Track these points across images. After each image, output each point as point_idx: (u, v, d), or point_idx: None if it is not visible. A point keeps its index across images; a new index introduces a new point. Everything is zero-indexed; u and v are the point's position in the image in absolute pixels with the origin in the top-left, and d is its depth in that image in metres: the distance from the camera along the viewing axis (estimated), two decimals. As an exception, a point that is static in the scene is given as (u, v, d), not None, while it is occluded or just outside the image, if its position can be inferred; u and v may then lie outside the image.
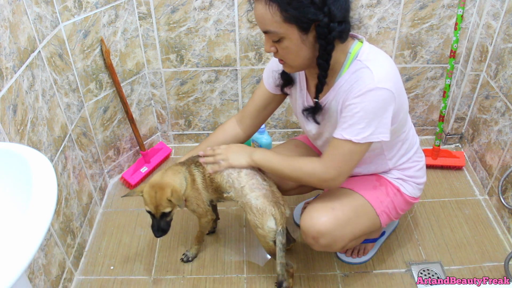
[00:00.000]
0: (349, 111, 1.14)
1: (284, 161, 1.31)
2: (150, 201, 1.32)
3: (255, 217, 1.34)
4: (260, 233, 1.35)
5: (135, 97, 1.96)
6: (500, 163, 1.74)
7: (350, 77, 1.15)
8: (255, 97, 1.45)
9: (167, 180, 1.35)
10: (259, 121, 1.48)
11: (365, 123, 1.13)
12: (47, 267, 1.36)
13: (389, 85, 1.12)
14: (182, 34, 1.86)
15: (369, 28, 1.85)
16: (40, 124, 1.35)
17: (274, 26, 1.08)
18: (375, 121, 1.13)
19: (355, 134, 1.14)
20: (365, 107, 1.11)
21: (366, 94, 1.11)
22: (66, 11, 1.50)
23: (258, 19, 1.11)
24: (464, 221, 1.75)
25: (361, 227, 1.36)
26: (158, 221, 1.35)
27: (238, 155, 1.36)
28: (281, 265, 1.36)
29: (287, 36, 1.09)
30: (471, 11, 1.79)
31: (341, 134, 1.16)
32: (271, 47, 1.15)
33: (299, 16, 1.05)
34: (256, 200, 1.33)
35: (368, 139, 1.14)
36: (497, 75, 1.75)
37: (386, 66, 1.15)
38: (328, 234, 1.29)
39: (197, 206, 1.45)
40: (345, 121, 1.15)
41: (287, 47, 1.12)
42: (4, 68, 1.15)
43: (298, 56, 1.14)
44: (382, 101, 1.12)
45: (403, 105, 1.22)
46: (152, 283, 1.56)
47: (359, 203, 1.35)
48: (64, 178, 1.51)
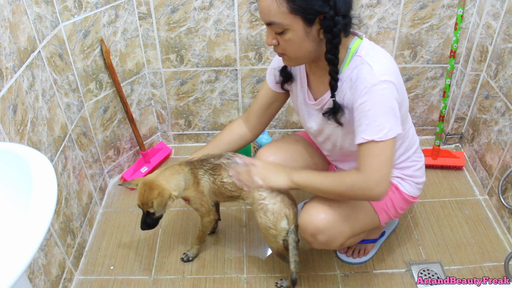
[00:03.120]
0: (361, 111, 1.13)
1: (325, 179, 1.25)
2: (139, 198, 1.35)
3: (268, 219, 1.34)
4: (271, 233, 1.35)
5: (135, 97, 1.96)
6: (500, 163, 1.74)
7: (351, 73, 1.16)
8: (259, 96, 1.45)
9: (160, 181, 1.34)
10: (264, 120, 1.48)
11: (380, 119, 1.12)
12: (47, 267, 1.36)
13: (391, 77, 1.12)
14: (182, 34, 1.86)
15: (369, 28, 1.85)
16: (40, 124, 1.35)
17: (279, 17, 1.08)
18: (389, 114, 1.12)
19: (375, 132, 1.12)
20: (374, 103, 1.11)
21: (372, 89, 1.11)
22: (66, 11, 1.50)
23: (262, 10, 1.11)
24: (464, 221, 1.75)
25: (360, 224, 1.36)
26: (145, 216, 1.38)
27: (277, 176, 1.30)
28: (295, 262, 1.36)
29: (291, 28, 1.09)
30: (471, 11, 1.79)
31: (362, 138, 1.13)
32: (273, 40, 1.15)
33: (305, 7, 1.05)
34: (274, 205, 1.33)
35: (389, 135, 1.12)
36: (497, 75, 1.75)
37: (385, 61, 1.16)
38: (326, 231, 1.29)
39: (200, 205, 1.45)
40: (361, 122, 1.14)
41: (290, 39, 1.11)
42: (4, 68, 1.15)
43: (300, 48, 1.14)
44: (388, 94, 1.12)
45: (404, 99, 1.23)
46: (152, 283, 1.56)
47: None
48: (64, 178, 1.51)
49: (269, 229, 1.35)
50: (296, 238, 1.35)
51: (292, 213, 1.34)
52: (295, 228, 1.35)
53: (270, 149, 1.52)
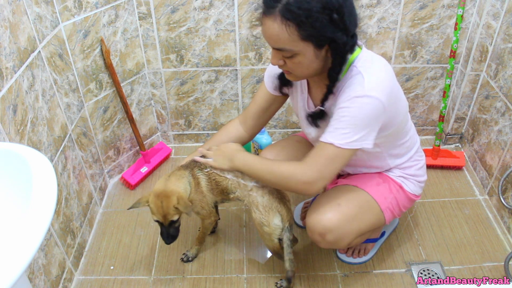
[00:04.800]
0: (337, 114, 1.14)
1: (264, 165, 1.27)
2: (157, 211, 1.31)
3: (261, 214, 1.34)
4: (266, 231, 1.36)
5: (135, 97, 1.96)
6: (500, 163, 1.74)
7: (346, 82, 1.15)
8: (257, 99, 1.45)
9: (171, 187, 1.33)
10: (261, 121, 1.48)
11: (350, 129, 1.12)
12: (47, 267, 1.36)
13: (380, 94, 1.10)
14: (182, 34, 1.86)
15: (369, 28, 1.85)
16: (40, 124, 1.35)
17: (290, 44, 1.06)
18: (361, 129, 1.12)
19: (339, 138, 1.13)
20: (352, 113, 1.11)
21: (354, 100, 1.11)
22: (66, 11, 1.50)
23: (270, 36, 1.08)
24: (464, 221, 1.75)
25: (367, 223, 1.36)
26: (167, 228, 1.34)
27: (222, 158, 1.35)
28: (290, 261, 1.37)
29: (301, 53, 1.08)
30: (471, 11, 1.79)
31: (325, 137, 1.15)
32: (280, 61, 1.13)
33: (317, 34, 1.04)
34: (263, 197, 1.34)
35: (351, 146, 1.13)
36: (497, 75, 1.75)
37: (380, 74, 1.14)
38: (335, 230, 1.29)
39: (201, 208, 1.45)
40: (332, 124, 1.15)
41: (300, 62, 1.10)
42: (4, 68, 1.15)
43: (308, 69, 1.14)
44: (369, 110, 1.11)
45: (396, 114, 1.21)
46: (152, 283, 1.56)
47: (364, 199, 1.36)
48: (64, 178, 1.51)
49: (263, 226, 1.35)
50: (291, 236, 1.36)
51: (284, 208, 1.34)
52: (289, 226, 1.35)
53: (273, 150, 1.53)
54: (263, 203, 1.33)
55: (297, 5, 1.01)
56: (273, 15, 1.04)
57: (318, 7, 1.00)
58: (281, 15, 1.03)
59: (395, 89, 1.18)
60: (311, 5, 1.00)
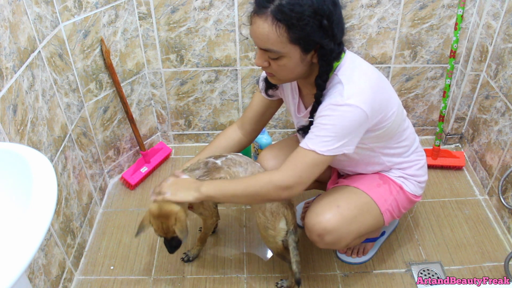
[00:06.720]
0: (318, 122, 1.15)
1: (236, 182, 1.25)
2: (159, 230, 1.30)
3: (267, 219, 1.33)
4: (270, 234, 1.35)
5: (135, 97, 1.96)
6: (500, 163, 1.74)
7: (328, 91, 1.16)
8: (253, 104, 1.46)
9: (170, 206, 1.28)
10: (259, 125, 1.49)
11: (331, 137, 1.12)
12: (47, 267, 1.36)
13: (359, 103, 1.11)
14: (182, 34, 1.86)
15: (369, 28, 1.85)
16: (40, 124, 1.35)
17: (278, 46, 1.07)
18: (342, 137, 1.13)
19: (320, 146, 1.13)
20: (332, 121, 1.12)
21: (335, 108, 1.11)
22: (66, 11, 1.50)
23: (259, 36, 1.08)
24: (464, 221, 1.75)
25: (366, 225, 1.36)
26: (170, 241, 1.34)
27: (184, 191, 1.26)
28: (297, 263, 1.36)
29: (287, 55, 1.09)
30: (471, 11, 1.79)
31: (306, 144, 1.15)
32: (264, 62, 1.14)
33: (306, 38, 1.05)
34: (272, 204, 1.33)
35: (332, 152, 1.14)
36: (497, 75, 1.75)
37: (360, 82, 1.14)
38: (333, 232, 1.29)
39: (203, 209, 1.45)
40: (313, 131, 1.15)
41: (285, 65, 1.11)
42: (4, 68, 1.15)
43: (292, 72, 1.14)
44: (351, 118, 1.11)
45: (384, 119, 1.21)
46: (152, 283, 1.56)
47: (364, 201, 1.35)
48: (64, 178, 1.51)
49: (268, 230, 1.35)
50: (296, 238, 1.35)
51: (290, 213, 1.34)
52: (294, 228, 1.35)
53: (272, 152, 1.53)
54: (271, 209, 1.33)
55: (289, 7, 1.02)
56: (265, 15, 1.04)
57: (310, 11, 1.02)
58: (272, 16, 1.03)
59: (379, 95, 1.17)
60: (304, 9, 1.01)
